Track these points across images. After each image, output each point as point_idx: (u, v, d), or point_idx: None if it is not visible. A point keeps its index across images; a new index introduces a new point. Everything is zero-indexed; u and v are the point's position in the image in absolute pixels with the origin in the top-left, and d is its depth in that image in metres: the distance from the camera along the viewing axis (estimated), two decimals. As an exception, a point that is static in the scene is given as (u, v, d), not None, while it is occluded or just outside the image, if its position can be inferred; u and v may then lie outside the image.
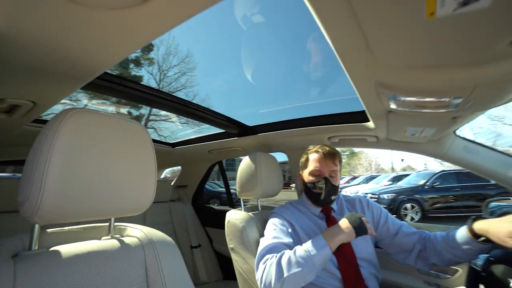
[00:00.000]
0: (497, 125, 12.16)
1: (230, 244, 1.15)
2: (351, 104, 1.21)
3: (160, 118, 10.02)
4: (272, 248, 0.93)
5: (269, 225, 1.06)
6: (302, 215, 1.11)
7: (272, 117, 1.54)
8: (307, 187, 1.09)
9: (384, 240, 1.09)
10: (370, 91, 0.69)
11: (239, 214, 1.18)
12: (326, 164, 1.06)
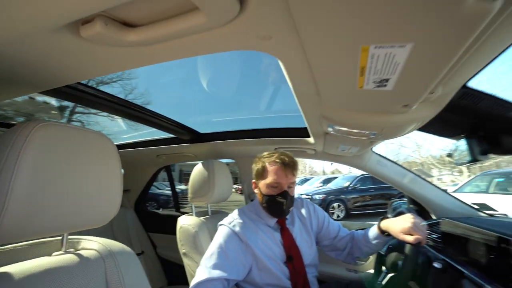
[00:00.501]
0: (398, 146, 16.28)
1: (183, 249, 1.19)
2: (296, 120, 1.40)
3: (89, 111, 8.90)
4: (210, 281, 0.89)
5: (216, 242, 0.98)
6: (256, 227, 1.04)
7: (224, 126, 1.63)
8: (266, 199, 1.02)
9: (324, 241, 1.19)
10: (314, 120, 0.86)
11: (191, 220, 1.23)
12: (285, 175, 1.00)
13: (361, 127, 0.75)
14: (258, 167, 1.05)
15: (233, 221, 1.04)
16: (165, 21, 0.40)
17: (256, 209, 1.10)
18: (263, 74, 1.18)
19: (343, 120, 0.73)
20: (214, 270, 0.90)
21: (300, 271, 1.02)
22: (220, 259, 0.93)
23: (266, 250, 1.00)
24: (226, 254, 0.94)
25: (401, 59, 0.36)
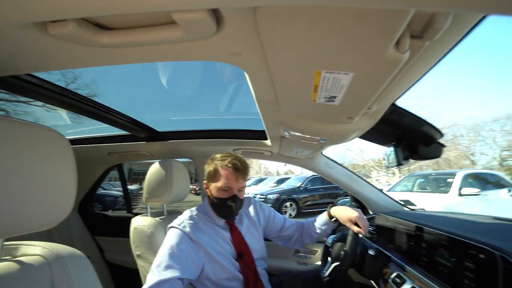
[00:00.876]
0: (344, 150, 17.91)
1: (137, 251, 1.15)
2: (254, 123, 1.47)
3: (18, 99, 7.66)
4: (162, 284, 0.87)
5: (166, 245, 0.96)
6: (206, 226, 1.07)
7: (183, 125, 1.62)
8: (216, 201, 1.05)
9: (272, 234, 1.29)
10: (272, 124, 0.93)
11: (146, 220, 1.20)
12: (236, 180, 1.03)
13: (313, 133, 0.84)
14: (210, 169, 1.06)
15: (183, 222, 1.04)
16: (142, 28, 0.42)
17: (205, 210, 1.12)
18: (225, 76, 1.22)
19: (297, 127, 0.82)
20: (165, 271, 0.88)
21: (250, 266, 1.08)
22: (171, 260, 0.91)
23: (217, 247, 1.03)
24: (177, 255, 0.93)
25: (346, 82, 0.45)
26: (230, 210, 1.04)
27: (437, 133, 0.80)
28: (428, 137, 0.81)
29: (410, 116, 0.76)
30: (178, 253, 0.94)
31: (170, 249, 0.94)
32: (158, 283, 0.86)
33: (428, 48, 0.38)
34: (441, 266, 0.81)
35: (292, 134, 0.92)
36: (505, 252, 0.62)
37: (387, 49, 0.35)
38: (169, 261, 0.91)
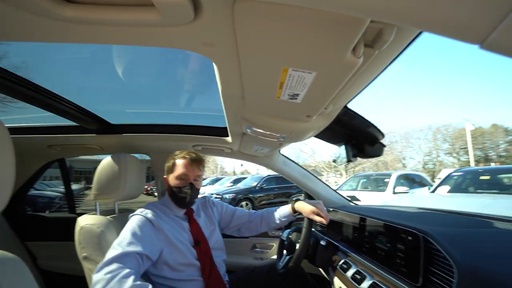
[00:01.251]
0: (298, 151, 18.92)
1: (83, 253, 1.05)
2: (215, 120, 1.47)
3: None
4: (124, 256, 0.89)
5: (128, 227, 1.01)
6: (166, 217, 1.13)
7: (140, 118, 1.53)
8: (173, 190, 1.13)
9: (227, 225, 1.36)
10: (235, 120, 0.95)
11: (95, 219, 1.11)
12: (192, 169, 1.13)
13: (274, 130, 0.89)
14: (169, 163, 1.17)
15: (145, 210, 1.10)
16: (114, 6, 0.39)
17: (165, 203, 1.19)
18: (187, 70, 1.19)
19: (260, 123, 0.85)
20: (127, 246, 0.92)
21: (206, 253, 1.15)
22: (134, 238, 0.96)
23: (176, 234, 1.10)
24: (139, 235, 0.98)
25: (308, 81, 0.50)
26: (186, 196, 1.12)
27: (380, 134, 0.92)
28: (373, 137, 0.92)
29: (359, 118, 0.86)
30: (140, 233, 0.99)
31: (132, 229, 0.99)
32: (120, 255, 0.89)
33: (376, 57, 0.45)
34: (379, 250, 0.93)
35: (254, 131, 0.95)
36: (426, 233, 0.75)
37: (346, 53, 0.40)
38: (131, 238, 0.96)
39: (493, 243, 0.74)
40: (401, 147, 33.19)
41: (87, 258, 1.04)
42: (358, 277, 0.94)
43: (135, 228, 1.00)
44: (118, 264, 0.87)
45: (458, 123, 33.93)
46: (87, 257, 1.04)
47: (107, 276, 0.83)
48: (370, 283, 0.87)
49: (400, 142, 32.85)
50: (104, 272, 0.84)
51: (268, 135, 0.96)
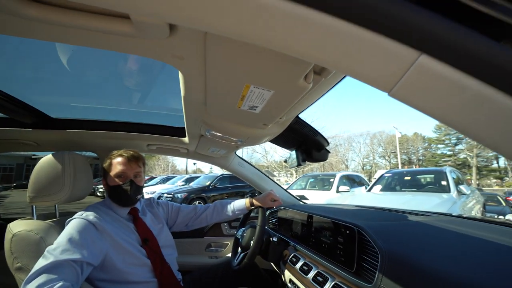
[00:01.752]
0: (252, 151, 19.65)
1: (16, 263, 0.92)
2: (172, 119, 1.45)
3: None
4: (57, 267, 0.81)
5: (65, 232, 0.92)
6: (110, 218, 1.08)
7: (86, 113, 1.41)
8: (113, 190, 1.09)
9: (174, 222, 1.36)
10: (194, 123, 0.97)
11: (31, 224, 0.99)
12: (130, 166, 1.10)
13: (232, 134, 0.94)
14: (106, 164, 1.12)
15: (85, 213, 1.02)
16: (86, 13, 0.38)
17: (107, 204, 1.14)
18: (144, 67, 1.16)
19: (219, 128, 0.89)
20: (61, 254, 0.82)
21: (156, 250, 1.13)
22: (70, 244, 0.86)
23: (122, 235, 1.05)
24: (77, 241, 0.89)
25: (267, 97, 0.57)
26: (127, 194, 1.08)
27: (325, 142, 1.05)
28: (319, 144, 1.05)
29: (308, 127, 0.96)
30: (78, 238, 0.90)
31: (69, 235, 0.90)
32: (52, 265, 0.79)
33: (323, 81, 0.54)
34: (323, 243, 1.06)
35: (212, 134, 0.99)
36: (360, 227, 0.88)
37: (299, 79, 0.48)
38: (67, 245, 0.86)
39: (405, 232, 0.92)
40: (344, 149, 36.53)
41: (22, 268, 0.92)
42: (305, 268, 1.05)
43: (73, 233, 0.90)
44: (50, 276, 0.77)
45: (390, 130, 38.94)
46: (21, 268, 0.92)
47: None
48: (315, 273, 0.99)
49: (343, 145, 36.16)
50: (33, 286, 0.74)
51: (226, 139, 1.01)
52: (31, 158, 28.41)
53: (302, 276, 1.04)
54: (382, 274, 0.71)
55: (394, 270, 0.68)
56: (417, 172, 5.51)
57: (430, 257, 0.69)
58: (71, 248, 0.86)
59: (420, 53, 0.25)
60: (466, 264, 0.65)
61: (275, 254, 1.31)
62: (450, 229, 0.93)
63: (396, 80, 0.28)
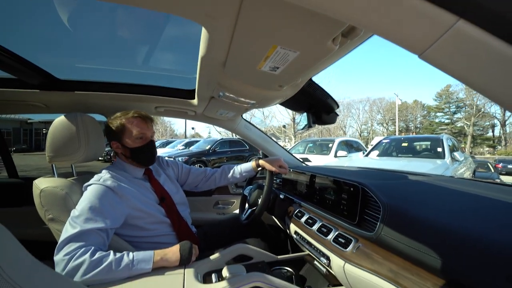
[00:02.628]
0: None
1: (49, 215, 1.01)
2: (181, 82, 1.44)
3: None
4: (83, 235, 0.86)
5: (86, 199, 0.94)
6: (126, 180, 1.09)
7: (93, 75, 1.40)
8: (135, 151, 1.10)
9: (183, 182, 1.43)
10: (208, 84, 0.98)
11: (55, 182, 1.05)
12: (147, 127, 1.12)
13: (246, 96, 0.96)
14: (117, 125, 1.10)
15: (102, 177, 1.04)
16: None
17: (121, 167, 1.15)
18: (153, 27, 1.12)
19: (234, 89, 0.91)
20: (85, 223, 0.88)
21: (172, 208, 1.20)
22: (92, 212, 0.91)
23: (140, 196, 1.09)
24: (98, 207, 0.93)
25: (291, 58, 0.58)
26: (151, 154, 1.14)
27: (335, 105, 1.07)
28: (330, 107, 1.07)
29: (319, 90, 0.98)
30: (99, 205, 0.94)
31: (90, 203, 0.93)
32: (79, 234, 0.85)
33: (347, 44, 0.55)
34: (327, 200, 1.14)
35: (226, 96, 1.00)
36: (364, 185, 0.96)
37: (327, 41, 0.50)
38: (89, 213, 0.91)
39: (405, 189, 1.00)
40: (343, 116, 36.37)
41: (54, 219, 1.01)
42: (310, 221, 1.15)
43: (93, 201, 0.94)
44: (78, 243, 0.84)
45: (390, 97, 38.44)
46: (53, 219, 1.01)
47: (66, 257, 0.81)
48: (319, 225, 1.09)
49: (342, 111, 35.92)
50: (63, 254, 0.82)
51: (238, 101, 1.03)
52: (27, 123, 28.04)
53: (307, 228, 1.14)
54: (384, 224, 0.79)
55: (395, 221, 0.76)
56: (414, 139, 5.63)
57: (429, 210, 0.77)
58: (94, 217, 0.91)
59: (459, 18, 0.25)
60: (465, 216, 0.72)
61: (280, 210, 1.42)
62: (449, 187, 1.00)
63: (430, 43, 0.29)
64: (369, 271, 0.76)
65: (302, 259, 1.25)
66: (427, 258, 0.61)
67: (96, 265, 0.81)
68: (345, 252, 0.88)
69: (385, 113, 38.47)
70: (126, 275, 0.85)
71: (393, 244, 0.73)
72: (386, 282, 0.70)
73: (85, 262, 0.81)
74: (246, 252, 1.17)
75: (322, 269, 1.10)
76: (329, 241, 0.99)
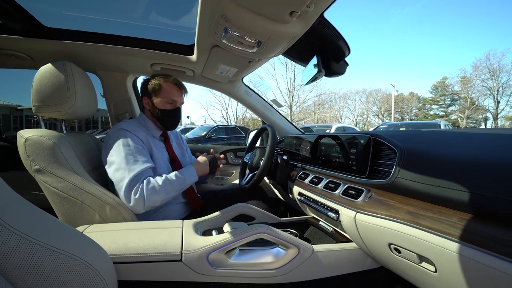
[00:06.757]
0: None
1: (35, 166, 0.92)
2: (179, 37, 1.34)
3: None
4: (140, 175, 1.01)
5: (123, 145, 1.03)
6: (145, 134, 1.17)
7: (83, 24, 1.28)
8: (163, 113, 1.19)
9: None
10: (210, 22, 0.89)
11: (42, 131, 0.96)
12: (180, 95, 1.22)
13: (253, 33, 0.87)
14: (155, 84, 1.18)
15: (129, 126, 1.11)
16: None
17: (143, 122, 1.22)
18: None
19: (240, 21, 0.81)
20: (134, 166, 1.01)
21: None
22: (138, 153, 1.04)
23: (158, 151, 1.18)
24: (139, 149, 1.06)
25: None
26: (175, 120, 1.24)
27: (347, 50, 0.99)
28: (341, 52, 0.99)
29: (332, 29, 0.90)
30: (140, 148, 1.07)
31: (130, 148, 1.04)
32: (137, 175, 1.00)
33: None
34: (334, 159, 1.08)
35: (230, 35, 0.91)
36: (376, 134, 0.89)
37: None
38: (137, 156, 1.04)
39: (417, 135, 0.94)
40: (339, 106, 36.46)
41: (41, 171, 0.92)
42: (316, 180, 1.09)
43: (132, 145, 1.05)
44: (139, 180, 1.00)
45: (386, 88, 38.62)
46: (40, 170, 0.91)
47: (137, 196, 0.97)
48: (326, 182, 1.02)
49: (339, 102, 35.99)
50: (133, 196, 0.98)
51: (244, 41, 0.94)
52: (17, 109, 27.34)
53: (313, 186, 1.08)
54: (400, 167, 0.73)
55: (413, 162, 0.70)
56: (412, 125, 5.61)
57: (448, 147, 0.71)
58: (140, 158, 1.04)
59: None
60: (489, 148, 0.66)
61: (282, 174, 1.36)
62: (465, 132, 0.94)
63: None
64: (384, 217, 0.71)
65: (306, 222, 1.20)
66: (452, 193, 0.56)
67: (162, 187, 1.02)
68: (356, 203, 0.83)
69: (381, 105, 38.65)
70: (183, 187, 1.12)
71: (411, 186, 0.67)
72: (403, 225, 0.65)
73: (155, 189, 1.00)
74: (247, 211, 1.11)
75: (328, 228, 1.05)
76: (337, 195, 0.93)
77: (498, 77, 27.84)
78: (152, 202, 1.00)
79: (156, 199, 1.01)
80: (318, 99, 25.61)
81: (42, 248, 0.42)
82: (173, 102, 1.20)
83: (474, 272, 0.48)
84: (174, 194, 1.08)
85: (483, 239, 0.47)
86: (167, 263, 0.72)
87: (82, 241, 0.53)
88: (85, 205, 0.94)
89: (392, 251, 0.70)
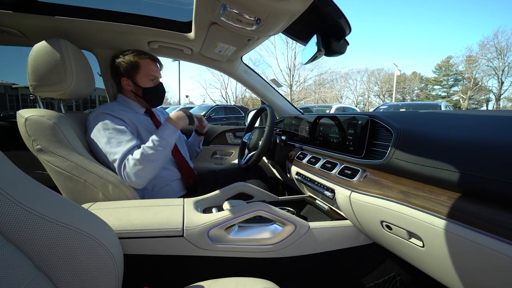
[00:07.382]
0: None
1: (37, 145, 0.93)
2: (175, 13, 1.30)
3: None
4: (126, 154, 1.00)
5: (103, 129, 1.02)
6: (129, 113, 1.15)
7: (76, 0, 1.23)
8: (147, 91, 1.18)
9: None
10: None
11: (41, 111, 0.96)
12: (158, 70, 1.21)
13: (251, 10, 0.84)
14: (129, 61, 1.16)
15: (107, 108, 1.09)
16: None
17: (125, 103, 1.21)
18: None
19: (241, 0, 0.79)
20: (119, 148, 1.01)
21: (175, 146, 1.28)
22: (120, 134, 1.03)
23: (145, 129, 1.16)
24: (120, 130, 1.04)
25: None
26: (161, 95, 1.23)
27: (347, 28, 0.97)
28: (341, 30, 0.97)
29: (333, 6, 0.87)
30: (122, 129, 1.05)
31: (112, 131, 1.03)
32: (122, 156, 0.99)
33: None
34: (331, 139, 1.09)
35: (228, 12, 0.88)
36: (373, 115, 0.90)
37: None
38: (121, 137, 1.02)
39: (415, 116, 0.95)
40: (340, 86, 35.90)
41: (42, 150, 0.93)
42: (313, 160, 1.11)
43: (113, 128, 1.03)
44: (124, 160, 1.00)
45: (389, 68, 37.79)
46: (42, 149, 0.93)
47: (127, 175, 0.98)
48: (323, 162, 1.05)
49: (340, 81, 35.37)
50: (125, 176, 0.98)
51: (243, 18, 0.91)
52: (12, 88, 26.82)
53: (311, 166, 1.10)
54: (395, 148, 0.74)
55: (407, 143, 0.71)
56: (412, 105, 5.57)
57: (443, 128, 0.72)
58: (124, 138, 1.02)
59: None
60: (483, 129, 0.67)
61: (281, 154, 1.38)
62: (462, 113, 0.95)
63: None
64: (378, 196, 0.73)
65: (303, 201, 1.24)
66: (443, 173, 0.57)
67: (142, 159, 0.99)
68: (351, 182, 0.85)
69: (382, 85, 38.04)
70: (168, 148, 1.07)
71: (405, 166, 0.69)
72: (395, 204, 0.67)
73: (136, 164, 0.98)
74: (246, 190, 1.14)
75: (324, 207, 1.09)
76: (334, 174, 0.95)
77: (505, 56, 27.15)
78: (142, 175, 0.99)
79: (145, 170, 0.99)
80: (319, 78, 25.17)
81: (51, 223, 0.45)
82: (155, 78, 1.20)
83: (458, 247, 0.51)
84: (161, 157, 1.04)
85: (468, 216, 0.49)
86: (169, 238, 0.76)
87: (88, 217, 0.55)
88: (88, 184, 0.97)
89: (384, 228, 0.73)
